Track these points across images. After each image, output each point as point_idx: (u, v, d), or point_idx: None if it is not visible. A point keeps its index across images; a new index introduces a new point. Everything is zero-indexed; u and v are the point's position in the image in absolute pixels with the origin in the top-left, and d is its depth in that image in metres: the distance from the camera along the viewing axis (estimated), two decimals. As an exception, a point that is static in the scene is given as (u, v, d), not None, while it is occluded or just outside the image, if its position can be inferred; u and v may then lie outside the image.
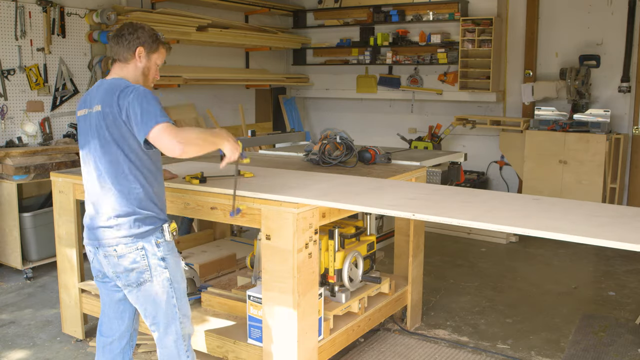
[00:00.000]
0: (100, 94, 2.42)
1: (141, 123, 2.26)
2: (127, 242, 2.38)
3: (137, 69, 2.51)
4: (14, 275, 4.75)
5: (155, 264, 2.41)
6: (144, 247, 2.39)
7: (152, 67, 2.55)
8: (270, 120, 8.08)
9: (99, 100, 2.41)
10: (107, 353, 2.62)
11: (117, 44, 2.49)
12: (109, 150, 2.37)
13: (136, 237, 2.38)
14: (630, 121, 6.24)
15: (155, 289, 2.43)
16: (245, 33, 6.99)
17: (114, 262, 2.42)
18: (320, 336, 2.91)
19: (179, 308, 2.49)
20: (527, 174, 6.39)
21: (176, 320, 2.49)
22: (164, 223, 2.46)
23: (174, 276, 2.47)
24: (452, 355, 3.44)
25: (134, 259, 2.39)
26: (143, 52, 2.49)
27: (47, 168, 4.69)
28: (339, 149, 3.66)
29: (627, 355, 3.46)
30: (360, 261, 3.29)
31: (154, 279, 2.42)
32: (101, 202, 2.42)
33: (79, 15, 5.50)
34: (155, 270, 2.41)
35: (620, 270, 5.01)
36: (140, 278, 2.41)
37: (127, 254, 2.39)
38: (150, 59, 2.53)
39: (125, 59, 2.50)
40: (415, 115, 7.55)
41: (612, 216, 2.40)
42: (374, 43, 7.37)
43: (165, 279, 2.44)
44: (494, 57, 6.57)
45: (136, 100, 2.28)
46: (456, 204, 2.61)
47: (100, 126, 2.38)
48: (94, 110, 2.42)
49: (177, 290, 2.48)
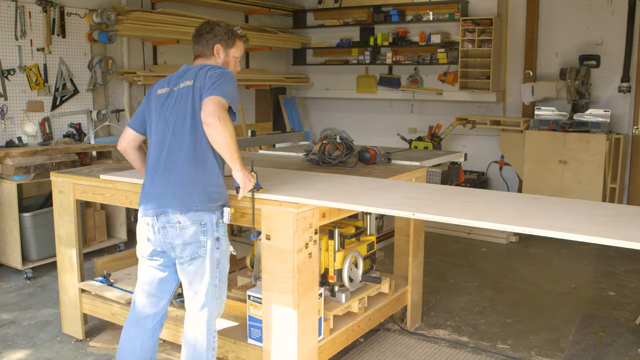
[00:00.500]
0: (191, 73, 2.56)
1: (209, 87, 2.42)
2: (192, 214, 2.47)
3: (217, 63, 2.65)
4: (14, 275, 4.75)
5: (212, 242, 2.52)
6: (206, 224, 2.49)
7: (231, 60, 2.71)
8: (270, 120, 8.08)
9: (190, 77, 2.55)
10: (140, 328, 2.70)
11: (197, 43, 2.68)
12: (194, 120, 2.48)
13: (202, 211, 2.48)
14: (630, 121, 6.24)
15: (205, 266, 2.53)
16: (245, 33, 6.97)
17: (174, 233, 2.50)
18: (320, 336, 2.91)
19: (219, 289, 2.61)
20: (527, 174, 6.39)
21: (214, 300, 2.60)
22: (226, 205, 2.57)
23: (223, 258, 2.60)
24: (452, 355, 3.44)
25: (195, 232, 2.48)
26: (221, 49, 2.67)
27: (47, 168, 4.69)
28: (339, 149, 3.66)
29: (627, 355, 3.45)
30: (360, 261, 3.29)
31: (207, 256, 2.53)
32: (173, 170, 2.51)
33: (79, 15, 5.50)
34: (211, 248, 2.53)
35: (620, 270, 5.01)
36: (195, 253, 2.51)
37: (190, 227, 2.48)
38: (228, 53, 2.70)
39: (206, 56, 2.67)
40: (415, 115, 7.55)
41: (612, 215, 2.40)
42: (374, 43, 7.38)
43: (215, 259, 2.55)
44: (494, 57, 6.57)
45: (219, 75, 2.46)
46: (456, 204, 2.61)
47: (187, 99, 2.51)
48: (182, 86, 2.56)
49: (222, 272, 2.61)
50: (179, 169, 2.51)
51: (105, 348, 3.48)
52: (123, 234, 5.42)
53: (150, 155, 2.64)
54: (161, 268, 2.67)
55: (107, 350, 3.46)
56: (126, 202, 3.21)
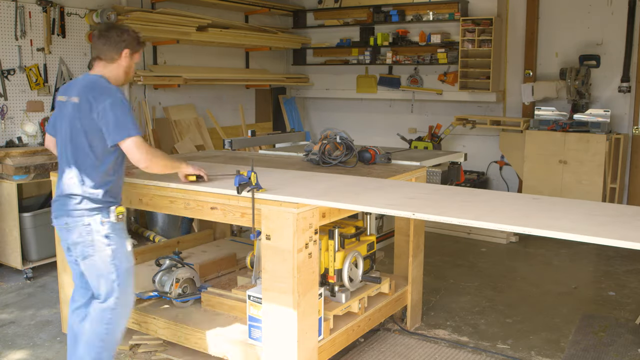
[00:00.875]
0: (80, 87, 2.69)
1: (114, 131, 2.58)
2: (76, 217, 2.66)
3: (120, 67, 2.74)
4: (14, 275, 4.75)
5: (99, 240, 2.67)
6: (90, 224, 2.66)
7: (132, 66, 2.81)
8: (270, 120, 8.08)
9: (77, 93, 2.67)
10: (75, 316, 2.88)
11: (104, 45, 2.72)
12: (77, 138, 2.66)
13: (85, 215, 2.66)
14: (630, 121, 6.24)
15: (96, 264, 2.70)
16: (245, 33, 6.99)
17: (65, 234, 2.72)
18: (320, 336, 2.91)
19: (118, 284, 2.73)
20: (527, 174, 6.39)
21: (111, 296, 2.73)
22: (111, 205, 2.71)
23: (117, 254, 2.72)
24: (452, 355, 3.44)
25: (80, 232, 2.67)
26: (128, 53, 2.75)
27: (47, 168, 4.69)
28: (339, 149, 3.66)
29: (627, 355, 3.45)
30: (360, 261, 3.29)
31: (96, 254, 2.68)
32: (64, 179, 2.72)
33: (79, 15, 5.50)
34: (99, 246, 2.68)
35: (620, 270, 5.01)
36: (85, 252, 2.69)
37: (75, 228, 2.67)
38: (132, 59, 2.79)
39: (111, 59, 2.73)
40: (415, 115, 7.55)
41: (612, 215, 2.40)
42: (374, 43, 7.37)
43: (106, 256, 2.69)
44: (494, 57, 6.57)
45: (110, 108, 2.58)
46: (456, 204, 2.61)
47: (71, 116, 2.67)
48: (72, 100, 2.69)
49: (118, 268, 2.73)
50: (65, 176, 2.72)
51: (105, 348, 3.48)
52: (123, 234, 5.41)
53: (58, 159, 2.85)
54: (76, 262, 2.82)
55: (107, 350, 3.46)
56: (126, 201, 3.21)
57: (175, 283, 3.33)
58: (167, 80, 6.15)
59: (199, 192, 2.89)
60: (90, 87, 2.65)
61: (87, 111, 2.60)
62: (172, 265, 3.45)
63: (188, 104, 6.76)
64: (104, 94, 2.60)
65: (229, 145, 4.62)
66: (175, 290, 3.32)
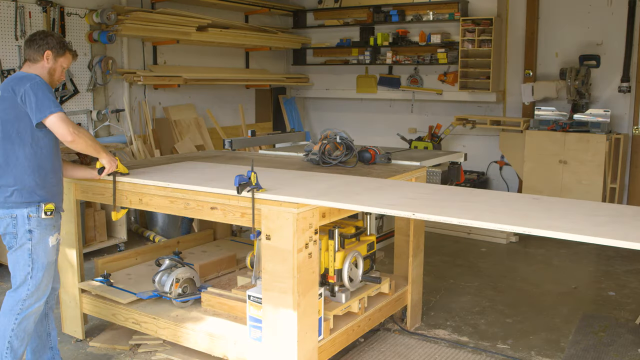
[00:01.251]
0: (4, 83, 2.85)
1: (36, 110, 2.70)
2: (5, 209, 2.77)
3: (43, 68, 2.89)
4: (14, 275, 4.73)
5: (23, 234, 2.78)
6: (16, 217, 2.77)
7: (58, 68, 2.94)
8: (270, 120, 8.09)
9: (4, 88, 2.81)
10: None
11: (29, 48, 2.89)
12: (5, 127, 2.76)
13: (13, 208, 2.76)
14: (630, 121, 6.24)
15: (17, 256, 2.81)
16: (245, 33, 6.99)
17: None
18: (320, 336, 2.91)
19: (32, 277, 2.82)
20: (527, 174, 6.39)
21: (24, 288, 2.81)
22: (41, 201, 2.80)
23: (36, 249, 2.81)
24: (452, 355, 3.44)
25: (7, 224, 2.78)
26: (51, 55, 2.89)
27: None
28: (339, 149, 3.66)
29: (627, 355, 3.46)
30: (360, 261, 3.29)
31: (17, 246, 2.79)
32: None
33: (79, 15, 5.50)
34: (22, 239, 2.79)
35: (620, 270, 5.01)
36: (10, 243, 2.81)
37: (2, 220, 2.79)
38: (57, 61, 2.92)
39: (34, 60, 2.89)
40: (415, 115, 7.55)
41: (612, 215, 2.40)
42: (374, 43, 7.38)
43: (27, 250, 2.79)
44: (494, 57, 6.57)
45: (31, 89, 2.70)
46: (456, 204, 2.61)
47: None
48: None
49: (35, 262, 2.82)
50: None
51: (105, 348, 3.48)
52: (123, 234, 5.42)
53: None
54: None
55: (107, 350, 3.46)
56: (126, 202, 3.21)
57: (175, 283, 3.33)
58: (167, 80, 6.15)
59: (199, 192, 2.89)
60: (11, 79, 2.81)
61: (12, 99, 2.72)
62: (172, 265, 3.45)
63: (188, 104, 6.76)
64: (24, 79, 2.74)
65: (229, 145, 4.62)
66: (175, 290, 3.32)
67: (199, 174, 3.31)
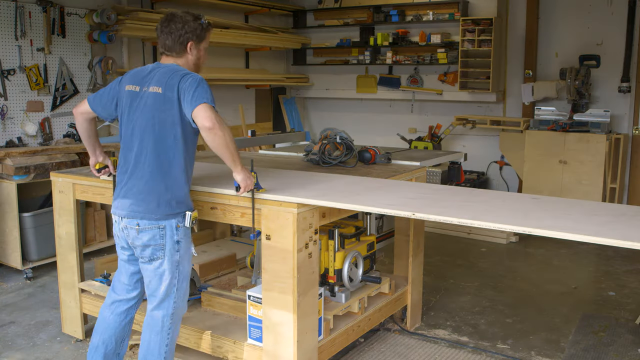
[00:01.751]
0: (160, 77, 2.53)
1: (190, 100, 2.42)
2: (150, 218, 2.55)
3: (189, 61, 2.64)
4: (14, 275, 4.74)
5: (171, 245, 2.60)
6: (165, 228, 2.57)
7: (202, 54, 2.68)
8: (270, 120, 8.08)
9: (158, 83, 2.53)
10: (114, 307, 2.85)
11: (167, 39, 2.59)
12: (161, 130, 2.52)
13: (161, 217, 2.56)
14: (630, 121, 6.24)
15: (164, 267, 2.62)
16: (245, 33, 6.99)
17: (133, 234, 2.60)
18: (320, 336, 2.91)
19: (177, 289, 2.68)
20: (527, 174, 6.39)
21: (171, 300, 2.68)
22: (187, 210, 2.63)
23: (183, 260, 2.67)
24: (452, 355, 3.44)
25: (153, 236, 2.57)
26: (193, 45, 2.62)
27: (47, 168, 4.69)
28: (339, 149, 3.66)
29: (627, 355, 3.45)
30: (360, 261, 3.29)
31: (166, 258, 2.61)
32: (135, 175, 2.58)
33: (79, 15, 5.50)
34: (169, 251, 2.60)
35: (620, 270, 5.01)
36: (154, 255, 2.60)
37: (148, 230, 2.56)
38: (200, 49, 2.66)
39: (177, 53, 2.62)
40: (415, 115, 7.55)
41: (613, 215, 2.40)
42: (374, 43, 7.38)
43: (175, 261, 2.63)
44: (494, 57, 6.57)
45: (192, 84, 2.45)
46: (456, 204, 2.61)
47: (154, 107, 2.52)
48: (151, 90, 2.54)
49: (182, 273, 2.68)
50: (142, 176, 2.58)
51: (105, 348, 3.48)
52: (123, 234, 5.41)
53: (121, 150, 2.70)
54: (129, 261, 2.78)
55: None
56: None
57: (176, 283, 3.32)
58: (167, 80, 6.14)
59: (199, 192, 2.89)
60: (172, 74, 2.53)
61: (176, 99, 2.48)
62: (172, 265, 3.44)
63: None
64: (186, 77, 2.50)
65: (229, 145, 4.60)
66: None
67: (199, 174, 3.31)
